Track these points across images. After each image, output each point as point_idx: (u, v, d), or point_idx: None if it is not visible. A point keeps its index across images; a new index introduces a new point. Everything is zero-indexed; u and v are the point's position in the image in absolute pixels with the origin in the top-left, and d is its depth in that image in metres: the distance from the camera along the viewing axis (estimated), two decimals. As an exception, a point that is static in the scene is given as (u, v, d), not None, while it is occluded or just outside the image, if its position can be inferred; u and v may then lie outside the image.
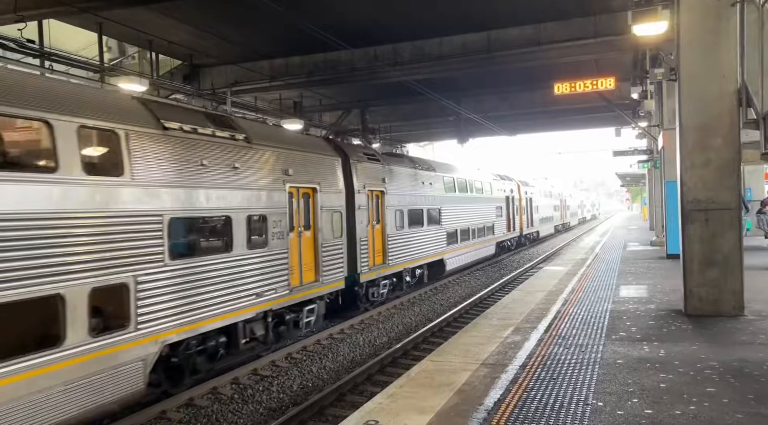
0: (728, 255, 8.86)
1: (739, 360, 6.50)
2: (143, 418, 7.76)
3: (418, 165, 18.17)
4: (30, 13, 12.43)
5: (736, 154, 8.87)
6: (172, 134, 8.06)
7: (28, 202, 6.06)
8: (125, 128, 7.34)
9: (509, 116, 29.64)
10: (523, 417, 5.08)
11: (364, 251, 13.81)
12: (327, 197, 12.04)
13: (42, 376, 6.04)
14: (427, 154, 45.02)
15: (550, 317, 9.31)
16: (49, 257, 6.18)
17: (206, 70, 19.40)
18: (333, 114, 28.07)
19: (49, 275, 6.16)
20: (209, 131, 8.86)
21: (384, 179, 15.18)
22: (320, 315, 11.98)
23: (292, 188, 10.78)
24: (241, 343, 9.44)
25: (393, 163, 16.32)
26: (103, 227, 6.84)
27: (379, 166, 15.15)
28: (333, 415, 8.10)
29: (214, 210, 8.81)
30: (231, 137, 9.34)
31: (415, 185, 17.32)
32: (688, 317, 8.96)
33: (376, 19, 15.92)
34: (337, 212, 12.52)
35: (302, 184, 11.23)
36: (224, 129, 9.30)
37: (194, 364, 8.72)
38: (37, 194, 6.15)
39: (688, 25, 9.05)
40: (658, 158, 23.35)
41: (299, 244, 11.09)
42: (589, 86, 17.45)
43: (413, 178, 17.28)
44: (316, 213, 11.63)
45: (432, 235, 18.27)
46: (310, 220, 11.52)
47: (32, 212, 6.07)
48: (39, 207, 6.14)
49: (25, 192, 6.06)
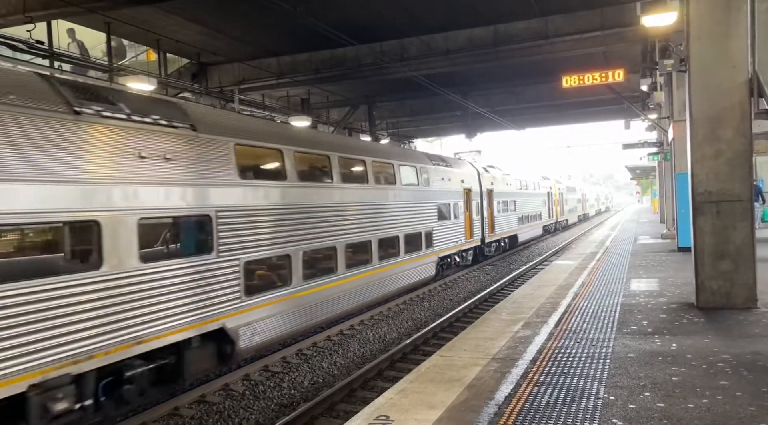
0: (740, 247, 8.78)
1: (753, 353, 6.44)
2: (156, 414, 7.82)
3: (505, 173, 27.68)
4: (38, 14, 12.50)
5: (747, 145, 8.77)
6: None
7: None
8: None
9: (517, 110, 29.53)
10: (534, 411, 5.06)
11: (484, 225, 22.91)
12: (476, 194, 21.62)
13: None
14: (435, 149, 44.91)
15: (561, 312, 9.27)
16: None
17: (214, 69, 19.47)
18: (340, 111, 28.09)
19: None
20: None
21: (492, 182, 24.22)
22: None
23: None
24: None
25: (495, 173, 25.72)
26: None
27: (490, 176, 24.29)
28: (344, 411, 8.12)
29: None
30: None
31: (505, 186, 26.57)
32: (699, 310, 8.89)
33: (382, 14, 15.90)
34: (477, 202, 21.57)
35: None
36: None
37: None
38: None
39: (698, 15, 8.94)
40: (668, 150, 23.16)
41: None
42: (597, 79, 17.30)
43: (504, 182, 26.54)
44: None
45: (512, 217, 27.31)
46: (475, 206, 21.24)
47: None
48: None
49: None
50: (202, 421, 7.87)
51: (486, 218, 22.74)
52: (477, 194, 21.65)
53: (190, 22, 15.72)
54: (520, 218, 28.39)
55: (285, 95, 23.47)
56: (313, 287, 10.65)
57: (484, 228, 22.31)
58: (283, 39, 17.51)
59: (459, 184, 19.67)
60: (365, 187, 13.24)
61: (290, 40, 17.58)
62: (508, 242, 26.74)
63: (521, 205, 28.68)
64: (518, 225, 28.12)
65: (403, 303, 15.26)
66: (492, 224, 23.63)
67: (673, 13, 9.89)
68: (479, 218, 21.71)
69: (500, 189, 25.11)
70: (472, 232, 20.85)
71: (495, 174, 25.21)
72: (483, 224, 22.12)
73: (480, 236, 21.60)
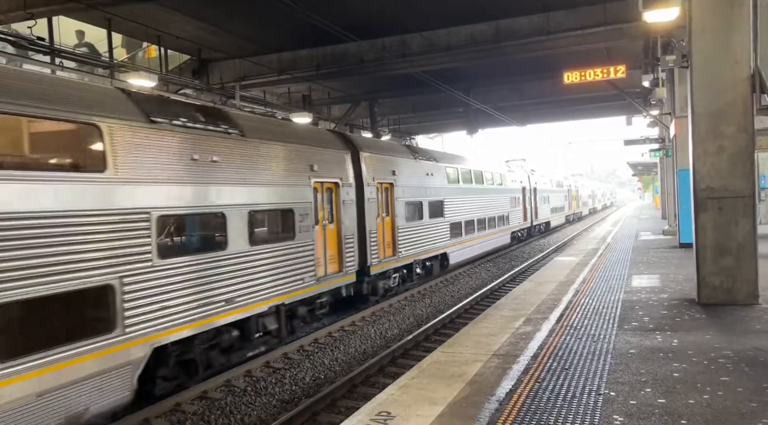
0: (742, 243, 8.77)
1: (754, 349, 6.44)
2: (158, 410, 7.84)
3: (541, 174, 33.88)
4: (39, 10, 12.48)
5: (749, 141, 8.75)
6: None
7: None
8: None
9: (519, 106, 29.43)
10: (535, 407, 5.07)
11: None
12: (528, 191, 30.03)
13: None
14: (437, 146, 44.86)
15: (562, 308, 9.27)
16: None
17: (215, 65, 19.42)
18: (342, 107, 28.05)
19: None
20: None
21: (536, 182, 30.51)
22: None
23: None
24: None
25: (537, 176, 32.22)
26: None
27: (534, 177, 31.19)
28: (345, 407, 8.14)
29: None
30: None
31: (543, 185, 34.16)
32: (701, 306, 8.89)
33: (383, 10, 15.85)
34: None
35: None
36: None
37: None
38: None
39: (701, 10, 8.92)
40: (669, 147, 23.12)
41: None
42: (599, 75, 17.27)
43: (542, 182, 34.16)
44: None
45: (546, 208, 34.80)
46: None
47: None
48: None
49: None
50: (204, 417, 7.90)
51: (533, 208, 31.50)
52: (528, 190, 30.43)
53: (191, 19, 15.69)
54: (551, 209, 37.17)
55: (286, 92, 23.43)
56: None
57: (532, 215, 31.36)
58: (284, 35, 17.46)
59: (519, 183, 28.30)
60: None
61: (291, 36, 17.53)
62: (544, 227, 35.48)
63: (553, 199, 37.75)
64: (551, 215, 36.89)
65: (404, 300, 15.27)
66: (536, 213, 32.35)
67: (675, 8, 9.82)
68: (530, 208, 30.60)
69: (540, 187, 33.90)
70: (526, 217, 29.70)
71: (537, 176, 33.99)
72: (531, 212, 31.11)
73: (530, 220, 30.73)
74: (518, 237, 28.69)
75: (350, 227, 12.59)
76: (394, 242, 14.71)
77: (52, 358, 5.99)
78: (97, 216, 6.69)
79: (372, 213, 13.56)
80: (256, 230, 9.40)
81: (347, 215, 12.46)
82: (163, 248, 7.53)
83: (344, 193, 12.34)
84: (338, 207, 12.16)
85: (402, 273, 15.58)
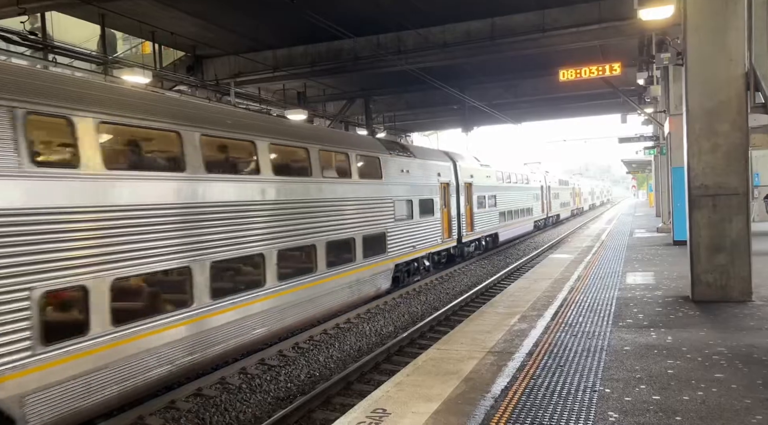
0: (736, 241, 8.81)
1: (748, 346, 6.47)
2: (152, 408, 7.81)
3: (553, 174, 39.28)
4: (32, 6, 12.40)
5: (744, 139, 8.78)
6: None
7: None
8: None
9: (514, 104, 29.47)
10: (530, 404, 5.08)
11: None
12: (545, 189, 36.13)
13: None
14: (432, 143, 44.88)
15: (557, 305, 9.29)
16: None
17: (209, 61, 19.35)
18: (337, 104, 28.00)
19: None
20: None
21: (549, 181, 36.43)
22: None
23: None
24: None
25: (550, 176, 37.30)
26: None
27: (549, 177, 35.93)
28: (340, 404, 8.13)
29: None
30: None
31: (555, 183, 40.20)
32: (695, 303, 8.93)
33: (379, 6, 15.81)
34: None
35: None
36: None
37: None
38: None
39: (695, 8, 8.93)
40: (664, 144, 23.16)
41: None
42: (594, 72, 17.27)
43: (554, 181, 40.40)
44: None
45: (557, 203, 41.24)
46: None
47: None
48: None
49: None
50: (198, 414, 7.87)
51: (548, 203, 37.21)
52: (545, 188, 36.12)
53: (186, 15, 15.61)
54: (561, 204, 43.61)
55: (281, 88, 23.37)
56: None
57: (547, 208, 37.08)
58: (279, 31, 17.41)
59: (538, 183, 34.27)
60: (519, 186, 29.85)
61: (286, 33, 17.49)
62: (555, 219, 41.21)
63: (562, 196, 44.16)
64: (560, 208, 43.24)
65: (399, 297, 15.28)
66: (550, 207, 38.05)
67: (670, 6, 9.85)
68: (546, 202, 36.43)
69: (553, 186, 39.79)
70: (543, 209, 35.67)
71: (550, 177, 40.06)
72: (547, 206, 36.91)
73: (546, 212, 36.72)
74: (538, 226, 34.94)
75: (454, 210, 19.22)
76: (472, 222, 21.39)
77: (373, 261, 13.24)
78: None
79: (462, 202, 20.07)
80: (421, 209, 15.96)
81: (452, 203, 19.21)
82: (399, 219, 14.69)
83: (452, 189, 19.23)
84: (449, 198, 18.91)
85: (476, 244, 22.54)
